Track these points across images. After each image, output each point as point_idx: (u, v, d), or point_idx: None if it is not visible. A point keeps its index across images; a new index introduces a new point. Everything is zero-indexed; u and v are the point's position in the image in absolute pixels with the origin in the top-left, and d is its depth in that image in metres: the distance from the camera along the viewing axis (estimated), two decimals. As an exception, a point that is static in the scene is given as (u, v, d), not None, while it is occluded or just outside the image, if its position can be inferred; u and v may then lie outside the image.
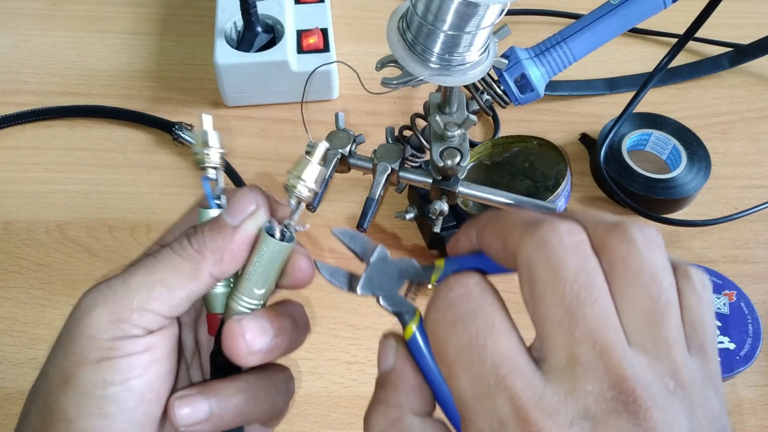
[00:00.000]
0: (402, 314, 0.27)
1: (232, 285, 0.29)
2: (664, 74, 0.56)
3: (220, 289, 0.29)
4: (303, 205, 0.29)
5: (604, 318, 0.21)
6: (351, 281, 0.28)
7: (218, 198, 0.30)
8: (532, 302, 0.22)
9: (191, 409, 0.27)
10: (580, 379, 0.20)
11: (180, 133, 0.58)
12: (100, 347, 0.25)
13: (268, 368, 0.30)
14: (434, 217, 0.44)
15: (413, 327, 0.26)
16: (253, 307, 0.28)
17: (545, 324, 0.21)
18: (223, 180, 0.30)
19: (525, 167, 0.54)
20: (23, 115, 0.60)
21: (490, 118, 0.62)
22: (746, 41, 0.66)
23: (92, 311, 0.26)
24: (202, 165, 0.30)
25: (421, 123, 0.50)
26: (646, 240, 0.22)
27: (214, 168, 0.30)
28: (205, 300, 0.30)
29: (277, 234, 0.28)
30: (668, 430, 0.19)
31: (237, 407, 0.28)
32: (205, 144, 0.30)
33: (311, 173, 0.28)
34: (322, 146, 0.29)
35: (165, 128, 0.59)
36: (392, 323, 0.27)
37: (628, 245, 0.22)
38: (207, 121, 0.31)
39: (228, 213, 0.28)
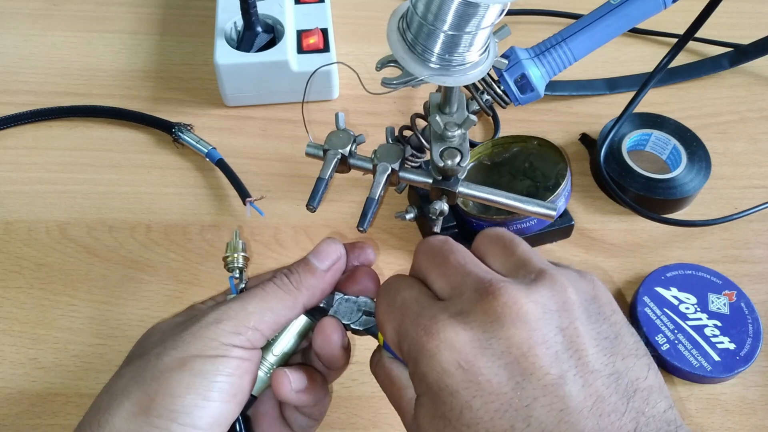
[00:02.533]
0: (370, 330, 0.36)
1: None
2: (664, 74, 0.56)
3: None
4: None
5: (464, 259, 0.30)
6: (323, 315, 0.36)
7: (241, 291, 0.38)
8: (425, 278, 0.31)
9: (298, 376, 0.35)
10: (456, 295, 0.29)
11: (180, 133, 0.58)
12: (218, 347, 0.32)
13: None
14: (434, 218, 0.44)
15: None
16: (271, 366, 0.36)
17: (432, 281, 0.31)
18: (246, 278, 0.39)
19: (525, 167, 0.54)
20: (23, 115, 0.60)
21: (490, 118, 0.62)
22: (746, 41, 0.66)
23: (219, 323, 0.32)
24: (230, 267, 0.38)
25: (421, 123, 0.50)
26: (492, 228, 0.33)
27: (240, 269, 0.38)
28: None
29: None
30: (516, 303, 0.27)
31: (317, 387, 0.36)
32: (235, 249, 0.39)
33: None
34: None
35: (165, 128, 0.59)
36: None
37: (480, 236, 0.33)
38: (236, 234, 0.40)
39: (317, 258, 0.36)
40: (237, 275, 0.38)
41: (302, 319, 0.36)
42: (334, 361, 0.35)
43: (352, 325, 0.36)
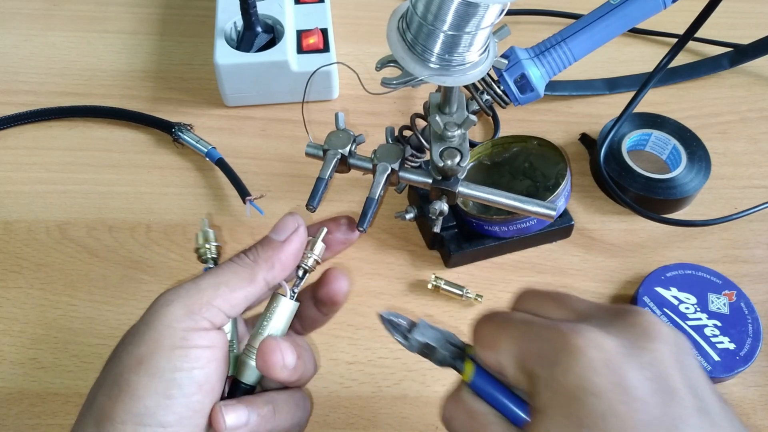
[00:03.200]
0: (453, 365, 0.32)
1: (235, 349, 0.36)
2: (664, 74, 0.56)
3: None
4: (308, 275, 0.36)
5: (576, 298, 0.30)
6: (405, 335, 0.33)
7: None
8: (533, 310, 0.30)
9: (235, 415, 0.31)
10: (587, 317, 0.28)
11: (180, 133, 0.58)
12: (174, 336, 0.30)
13: (286, 387, 0.35)
14: (434, 218, 0.44)
15: (471, 367, 0.30)
16: None
17: (545, 310, 0.30)
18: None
19: (525, 167, 0.54)
20: (23, 115, 0.60)
21: (490, 118, 0.62)
22: (746, 41, 0.66)
23: (169, 305, 0.31)
24: (204, 258, 0.37)
25: (420, 123, 0.50)
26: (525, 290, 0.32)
27: (213, 259, 0.38)
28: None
29: (288, 294, 0.35)
30: (656, 321, 0.27)
31: (267, 416, 0.33)
32: (207, 239, 0.38)
33: (318, 248, 0.37)
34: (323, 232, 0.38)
35: (165, 128, 0.59)
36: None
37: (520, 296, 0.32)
38: (205, 223, 0.39)
39: (275, 232, 0.35)
40: (211, 266, 0.37)
41: (291, 304, 0.35)
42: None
43: (439, 352, 0.32)
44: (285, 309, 0.35)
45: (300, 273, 0.36)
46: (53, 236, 0.53)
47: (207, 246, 0.37)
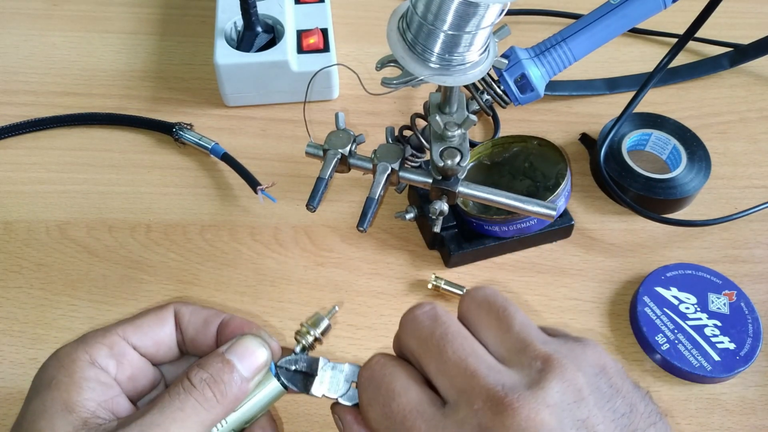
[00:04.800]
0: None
1: None
2: (664, 74, 0.56)
3: None
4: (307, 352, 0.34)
5: (463, 351, 0.28)
6: (306, 384, 0.32)
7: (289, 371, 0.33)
8: (420, 367, 0.29)
9: None
10: (466, 404, 0.26)
11: (181, 132, 0.58)
12: None
13: None
14: (434, 217, 0.44)
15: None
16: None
17: (432, 376, 0.28)
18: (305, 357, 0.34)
19: (525, 167, 0.54)
20: (22, 125, 0.59)
21: (490, 118, 0.62)
22: (746, 41, 0.66)
23: None
24: (302, 343, 0.34)
25: (420, 123, 0.50)
26: (479, 290, 0.31)
27: (304, 348, 0.34)
28: None
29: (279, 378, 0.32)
30: (536, 415, 0.25)
31: None
32: (315, 325, 0.34)
33: (322, 326, 0.34)
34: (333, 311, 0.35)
35: (165, 130, 0.59)
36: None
37: (467, 299, 0.31)
38: (331, 313, 0.35)
39: (242, 363, 0.31)
40: (297, 351, 0.34)
41: (274, 387, 0.32)
42: None
43: (340, 400, 0.32)
44: (271, 391, 0.32)
45: (298, 350, 0.33)
46: (53, 236, 0.53)
47: (309, 332, 0.34)
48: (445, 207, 0.43)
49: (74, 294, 0.50)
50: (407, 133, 0.52)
